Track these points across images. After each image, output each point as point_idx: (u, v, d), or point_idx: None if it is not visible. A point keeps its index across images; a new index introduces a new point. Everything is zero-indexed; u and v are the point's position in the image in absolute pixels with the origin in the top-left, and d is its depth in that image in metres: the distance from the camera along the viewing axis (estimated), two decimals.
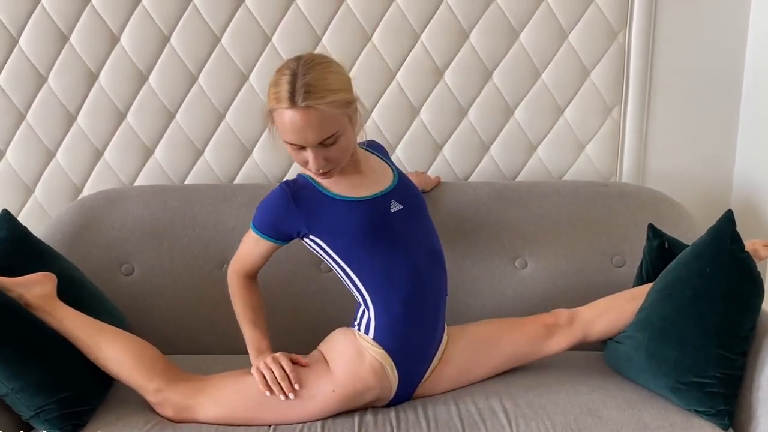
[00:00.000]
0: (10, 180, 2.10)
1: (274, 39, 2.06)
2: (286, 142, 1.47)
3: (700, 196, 2.22)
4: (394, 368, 1.57)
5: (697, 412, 1.53)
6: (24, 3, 1.99)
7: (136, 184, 2.13)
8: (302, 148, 1.46)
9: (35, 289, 1.57)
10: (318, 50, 2.06)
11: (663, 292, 1.62)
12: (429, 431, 1.50)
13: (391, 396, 1.60)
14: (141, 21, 2.02)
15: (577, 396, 1.58)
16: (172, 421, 1.54)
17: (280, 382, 1.51)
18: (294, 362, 1.55)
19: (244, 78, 2.08)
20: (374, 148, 1.76)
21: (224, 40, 2.05)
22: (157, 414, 1.55)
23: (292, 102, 1.40)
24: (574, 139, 2.17)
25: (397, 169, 1.70)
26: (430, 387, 1.65)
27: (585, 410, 1.53)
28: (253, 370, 1.54)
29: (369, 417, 1.55)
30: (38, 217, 2.12)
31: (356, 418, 1.54)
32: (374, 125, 2.11)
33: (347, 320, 1.68)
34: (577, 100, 2.14)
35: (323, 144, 1.44)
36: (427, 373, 1.64)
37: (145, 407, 1.57)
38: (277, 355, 1.54)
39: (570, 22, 2.09)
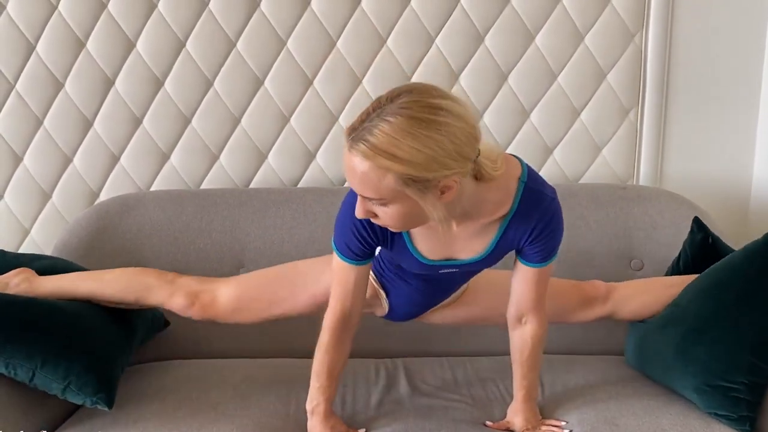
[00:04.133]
0: (27, 185, 2.12)
1: (289, 43, 2.06)
2: None
3: (719, 198, 2.20)
4: (384, 294, 1.58)
5: (717, 415, 1.51)
6: (41, 9, 2.01)
7: (152, 189, 2.14)
8: None
9: (14, 280, 1.62)
10: (333, 54, 2.06)
11: (705, 293, 1.58)
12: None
13: (386, 311, 1.61)
14: (157, 27, 2.03)
15: (594, 404, 1.57)
16: (188, 313, 1.59)
17: None
18: None
19: (260, 82, 2.08)
20: (530, 218, 1.35)
21: (239, 45, 2.06)
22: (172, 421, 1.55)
23: (349, 135, 1.17)
24: (591, 141, 2.15)
25: (496, 249, 1.39)
26: (436, 319, 1.65)
27: (601, 419, 1.52)
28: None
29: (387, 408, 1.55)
30: (55, 223, 2.13)
31: (373, 399, 1.55)
32: None
33: None
34: (593, 102, 2.12)
35: (367, 198, 1.21)
36: (437, 307, 1.63)
37: (162, 412, 1.56)
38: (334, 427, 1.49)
39: (586, 24, 2.07)
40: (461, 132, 1.15)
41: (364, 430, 1.52)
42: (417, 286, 1.54)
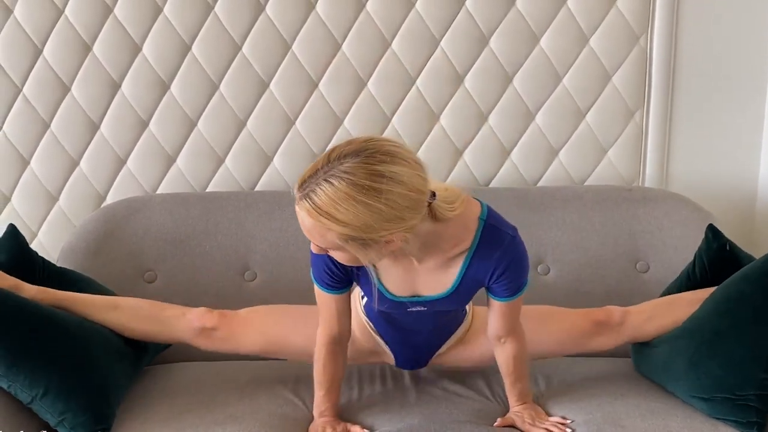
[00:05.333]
0: (34, 189, 2.12)
1: (294, 46, 2.07)
2: None
3: (725, 200, 2.20)
4: (381, 338, 1.62)
5: (725, 420, 1.50)
6: (47, 13, 2.02)
7: (159, 192, 2.14)
8: None
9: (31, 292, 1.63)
10: (338, 57, 2.07)
11: (721, 306, 1.55)
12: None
13: (393, 358, 1.65)
14: (162, 30, 2.04)
15: (600, 406, 1.57)
16: (204, 320, 1.65)
17: None
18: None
19: (265, 86, 2.09)
20: (491, 256, 1.38)
21: (245, 48, 2.06)
22: (184, 424, 1.55)
23: (297, 190, 1.24)
24: (596, 143, 2.15)
25: (461, 286, 1.42)
26: (448, 361, 1.67)
27: (608, 420, 1.51)
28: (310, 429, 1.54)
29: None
30: (62, 226, 2.13)
31: (378, 400, 1.56)
32: (394, 132, 2.11)
33: None
34: (598, 104, 2.12)
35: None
36: (444, 348, 1.64)
37: (169, 415, 1.57)
38: (331, 424, 1.53)
39: (591, 26, 2.07)
40: (402, 198, 1.19)
41: None
42: (398, 327, 1.57)
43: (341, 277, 1.44)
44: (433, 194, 1.27)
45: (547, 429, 1.50)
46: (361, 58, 2.07)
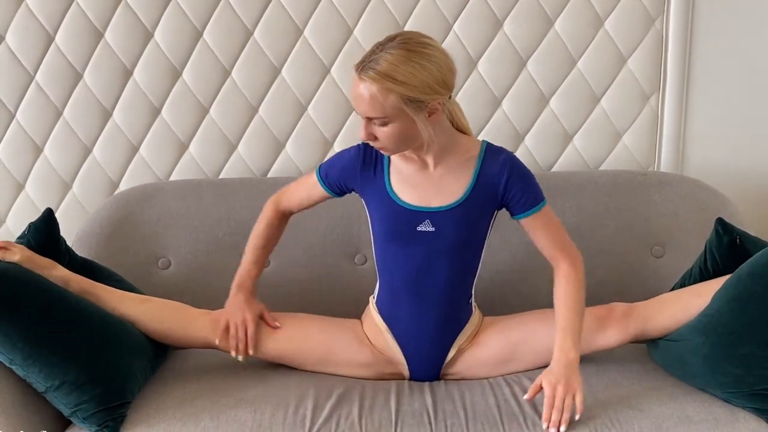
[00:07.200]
0: (47, 176, 2.13)
1: (306, 32, 2.06)
2: None
3: (742, 185, 2.18)
4: (392, 335, 1.64)
5: (743, 407, 1.49)
6: (59, 1, 2.02)
7: (171, 179, 2.15)
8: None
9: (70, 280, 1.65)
10: (349, 43, 2.06)
11: (734, 304, 1.49)
12: (467, 421, 1.48)
13: (406, 366, 1.66)
14: (174, 17, 2.04)
15: (617, 389, 1.56)
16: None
17: (237, 341, 1.63)
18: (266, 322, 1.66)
19: (277, 72, 2.08)
20: (496, 162, 1.55)
21: (257, 34, 2.06)
22: (193, 407, 1.55)
23: (358, 68, 1.42)
24: (611, 128, 2.13)
25: (471, 198, 1.53)
26: (462, 369, 1.66)
27: (625, 404, 1.50)
28: (224, 312, 1.65)
29: (406, 408, 1.53)
30: (76, 213, 2.14)
31: (393, 408, 1.53)
32: None
33: None
34: (613, 88, 2.10)
35: (371, 120, 1.44)
36: (451, 354, 1.64)
37: (182, 399, 1.57)
38: (248, 318, 1.63)
39: (606, 9, 2.05)
40: (444, 64, 1.42)
41: (277, 324, 1.65)
42: (406, 306, 1.60)
43: (344, 182, 1.61)
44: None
45: (552, 409, 1.43)
46: (374, 43, 2.05)
